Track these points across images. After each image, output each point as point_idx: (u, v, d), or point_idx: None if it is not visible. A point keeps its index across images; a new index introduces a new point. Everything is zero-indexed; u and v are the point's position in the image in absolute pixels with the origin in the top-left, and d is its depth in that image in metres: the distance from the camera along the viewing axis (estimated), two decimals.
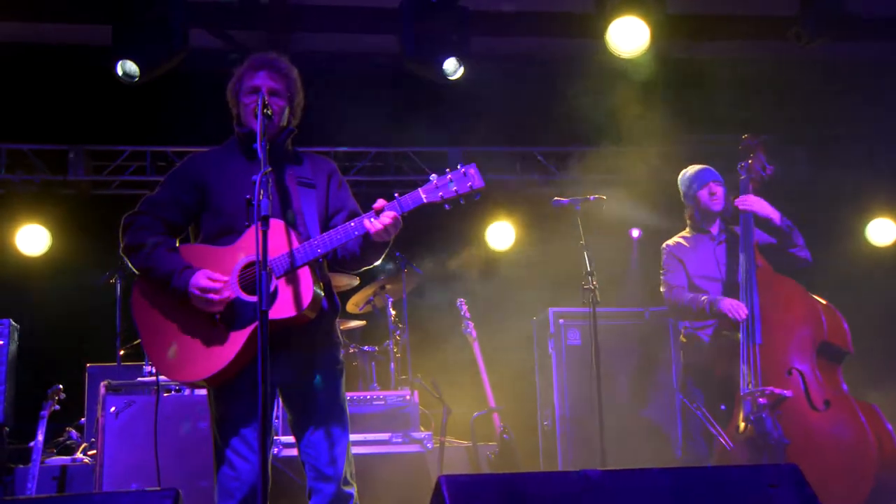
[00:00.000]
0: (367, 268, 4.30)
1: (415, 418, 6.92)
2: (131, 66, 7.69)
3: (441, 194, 3.88)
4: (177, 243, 4.16)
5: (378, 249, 4.10)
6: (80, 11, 8.65)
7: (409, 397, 6.98)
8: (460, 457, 7.24)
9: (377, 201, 3.93)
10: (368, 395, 6.92)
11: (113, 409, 6.21)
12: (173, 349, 3.99)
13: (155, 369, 4.25)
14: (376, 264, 4.28)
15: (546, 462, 7.74)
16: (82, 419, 7.89)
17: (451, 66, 8.03)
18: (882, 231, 10.48)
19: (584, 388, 7.10)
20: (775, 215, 6.02)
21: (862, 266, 9.67)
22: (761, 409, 5.44)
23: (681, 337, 6.44)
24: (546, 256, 9.34)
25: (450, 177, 3.90)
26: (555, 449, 7.44)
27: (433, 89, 8.54)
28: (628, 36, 7.90)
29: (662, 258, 6.35)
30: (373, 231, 3.90)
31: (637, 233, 9.41)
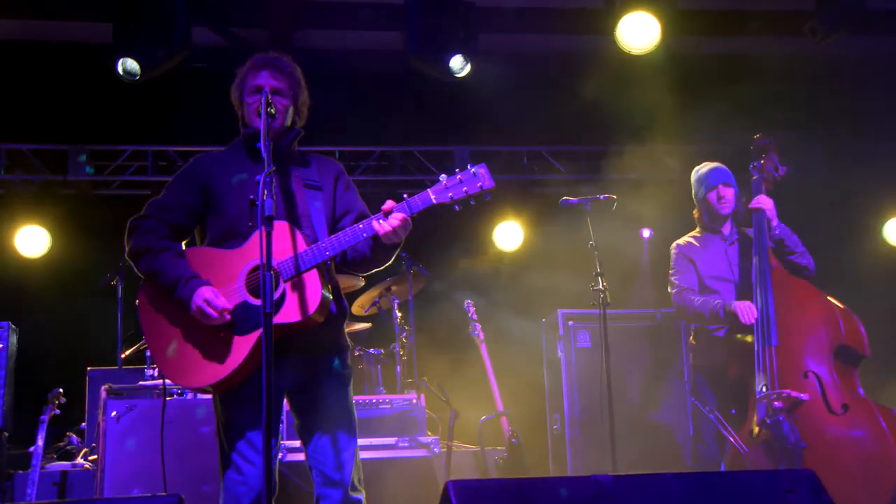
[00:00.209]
0: (377, 269, 4.29)
1: (421, 422, 6.91)
2: (132, 64, 7.70)
3: (451, 195, 3.88)
4: (183, 246, 4.16)
5: (388, 251, 4.10)
6: (79, 9, 8.66)
7: (415, 401, 6.97)
8: (468, 462, 7.23)
9: (386, 202, 3.93)
10: (374, 399, 6.91)
11: (114, 413, 6.21)
12: (180, 354, 3.99)
13: (161, 374, 4.25)
14: (386, 266, 4.28)
15: (556, 467, 7.72)
16: (83, 424, 7.90)
17: (457, 63, 8.02)
18: None
19: (594, 391, 7.08)
20: (774, 221, 6.01)
21: (879, 266, 9.63)
22: (777, 412, 5.41)
23: (690, 338, 6.40)
24: (555, 257, 9.32)
25: (459, 177, 3.89)
26: (565, 453, 7.43)
27: (439, 87, 8.54)
28: (639, 32, 7.89)
29: (672, 258, 6.31)
30: (382, 233, 3.90)
31: (648, 233, 9.40)
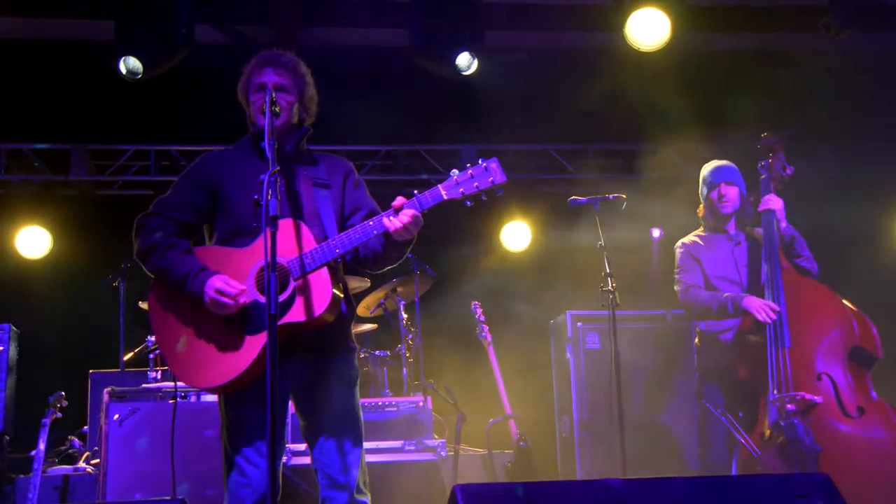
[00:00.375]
0: (389, 267, 4.29)
1: (428, 425, 6.90)
2: (134, 63, 7.70)
3: (462, 190, 3.88)
4: (191, 244, 4.16)
5: (400, 248, 4.09)
6: (81, 6, 8.66)
7: (422, 404, 6.96)
8: (475, 465, 7.23)
9: (396, 199, 3.93)
10: (380, 402, 6.90)
11: (116, 416, 6.21)
12: (190, 354, 4.00)
13: (172, 375, 4.25)
14: (397, 264, 4.27)
15: (564, 471, 7.71)
16: (85, 427, 7.91)
17: (464, 60, 8.01)
18: None
19: (603, 393, 7.06)
20: (783, 222, 5.99)
21: (891, 267, 9.60)
22: (791, 414, 5.39)
23: (696, 340, 6.36)
24: (563, 257, 9.33)
25: (470, 172, 3.89)
26: (573, 457, 7.42)
27: (445, 85, 8.53)
28: (648, 28, 7.87)
29: (677, 257, 6.27)
30: (392, 229, 3.90)
31: (658, 233, 9.37)
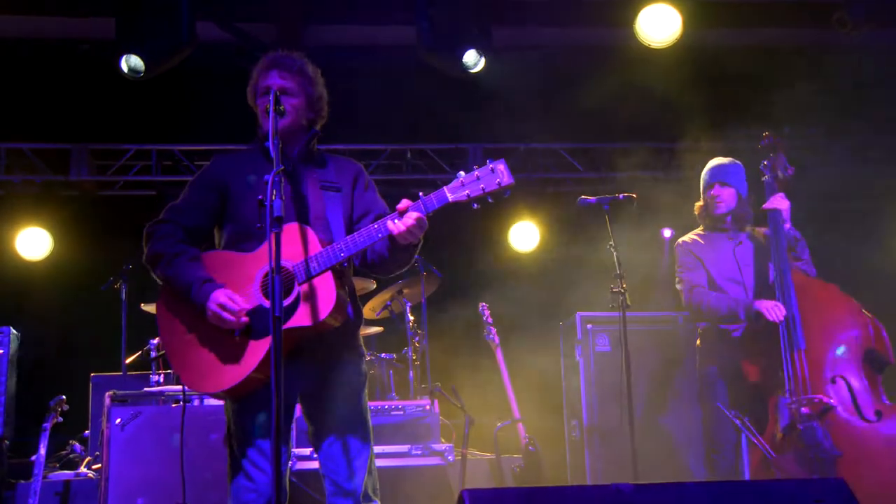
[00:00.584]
0: (399, 271, 4.29)
1: (435, 429, 6.91)
2: (136, 61, 7.72)
3: (468, 193, 3.85)
4: (200, 249, 4.20)
5: (405, 252, 4.08)
6: (81, 4, 8.69)
7: (428, 407, 6.96)
8: (483, 470, 7.23)
9: (401, 201, 3.92)
10: (386, 406, 6.91)
11: (118, 420, 6.22)
12: (196, 359, 4.03)
13: (178, 380, 4.28)
14: (406, 268, 4.27)
15: (574, 475, 7.71)
16: (86, 431, 7.91)
17: (471, 58, 8.02)
18: None
19: (613, 396, 7.07)
20: (787, 223, 5.97)
21: None
22: (808, 418, 5.37)
23: (697, 342, 6.27)
24: (573, 258, 9.33)
25: (477, 174, 3.86)
26: (583, 461, 7.42)
27: (452, 83, 8.53)
28: (659, 24, 7.88)
29: (678, 256, 6.22)
30: (396, 233, 3.89)
31: (669, 233, 9.35)
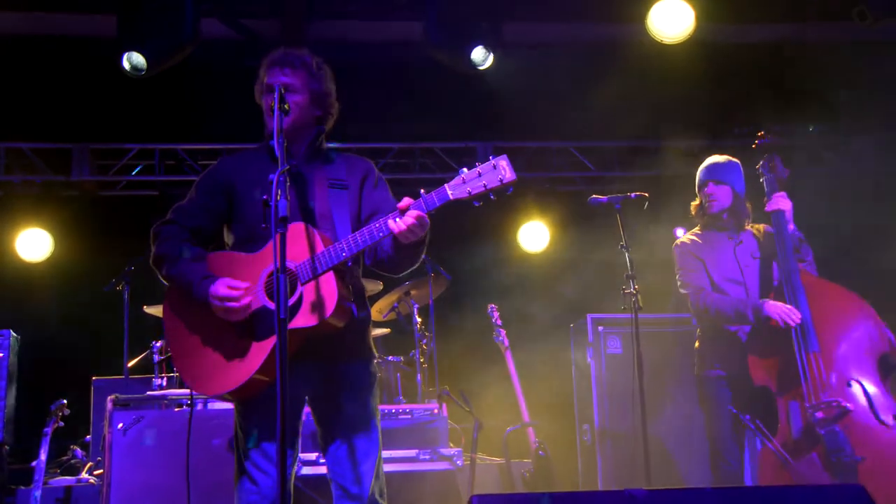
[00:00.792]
0: (409, 269, 4.28)
1: (443, 433, 6.91)
2: (138, 59, 7.73)
3: (469, 189, 3.83)
4: (207, 249, 4.23)
5: (410, 250, 4.06)
6: (82, 0, 8.71)
7: (437, 411, 6.97)
8: (492, 475, 7.23)
9: (403, 200, 3.92)
10: (394, 409, 6.92)
11: (121, 425, 6.23)
12: (199, 360, 4.06)
13: (181, 381, 4.30)
14: (415, 266, 4.27)
15: (585, 481, 7.71)
16: (88, 436, 7.93)
17: (479, 54, 8.02)
18: None
19: (625, 400, 7.07)
20: (791, 224, 5.95)
21: None
22: (827, 422, 5.35)
23: (696, 344, 6.21)
24: (583, 259, 9.33)
25: (479, 170, 3.85)
26: (595, 466, 7.42)
27: (460, 80, 8.54)
28: (672, 19, 7.87)
29: (676, 258, 6.16)
30: (397, 231, 3.89)
31: (682, 232, 9.36)
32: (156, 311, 7.28)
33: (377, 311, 8.11)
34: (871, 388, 5.47)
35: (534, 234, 10.65)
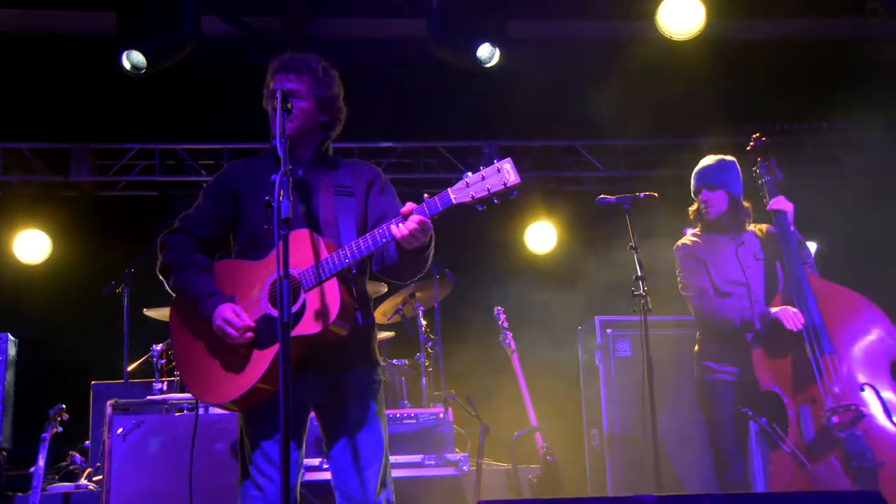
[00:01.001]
0: (417, 276, 4.28)
1: (449, 438, 6.90)
2: (138, 57, 7.74)
3: (472, 194, 3.82)
4: (213, 257, 4.25)
5: (414, 257, 4.06)
6: None
7: (442, 415, 6.96)
8: (499, 480, 7.23)
9: (405, 204, 3.92)
10: (398, 414, 6.91)
11: (120, 430, 6.24)
12: (203, 369, 4.08)
13: (184, 387, 4.31)
14: (422, 273, 4.26)
15: (594, 486, 7.70)
16: (87, 442, 7.93)
17: (485, 52, 8.01)
18: None
19: (635, 404, 7.04)
20: (791, 227, 5.92)
21: None
22: (844, 426, 5.33)
23: (696, 347, 6.17)
24: (591, 260, 9.30)
25: (483, 174, 3.84)
26: (603, 472, 7.41)
27: (465, 78, 8.53)
28: (681, 15, 7.86)
29: (678, 260, 6.13)
30: (399, 237, 3.89)
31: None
32: (156, 313, 7.28)
33: (381, 314, 8.10)
34: (886, 393, 5.45)
35: (541, 235, 10.63)
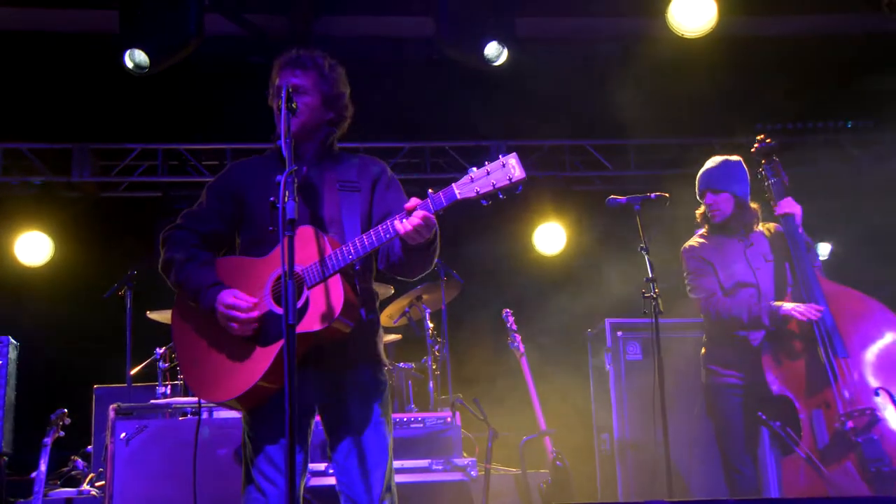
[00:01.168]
0: (422, 273, 4.27)
1: (457, 443, 6.90)
2: (141, 56, 7.75)
3: (477, 189, 3.81)
4: (216, 255, 4.24)
5: (419, 253, 4.05)
6: None
7: (450, 419, 6.96)
8: (508, 486, 7.22)
9: (410, 200, 3.91)
10: (405, 418, 6.90)
11: (123, 435, 6.24)
12: (205, 367, 4.07)
13: (187, 387, 4.31)
14: (427, 271, 4.26)
15: (605, 492, 7.69)
16: (89, 447, 7.95)
17: (493, 50, 8.01)
18: None
19: (646, 407, 7.01)
20: (800, 229, 5.91)
21: None
22: (859, 431, 5.31)
23: (702, 350, 6.14)
24: (601, 261, 9.30)
25: (487, 169, 3.83)
26: (614, 477, 7.40)
27: (473, 77, 8.53)
28: (693, 12, 7.85)
29: (685, 262, 6.12)
30: (403, 232, 3.88)
31: None
32: (159, 316, 7.29)
33: (388, 317, 8.10)
34: None
35: (550, 236, 10.62)
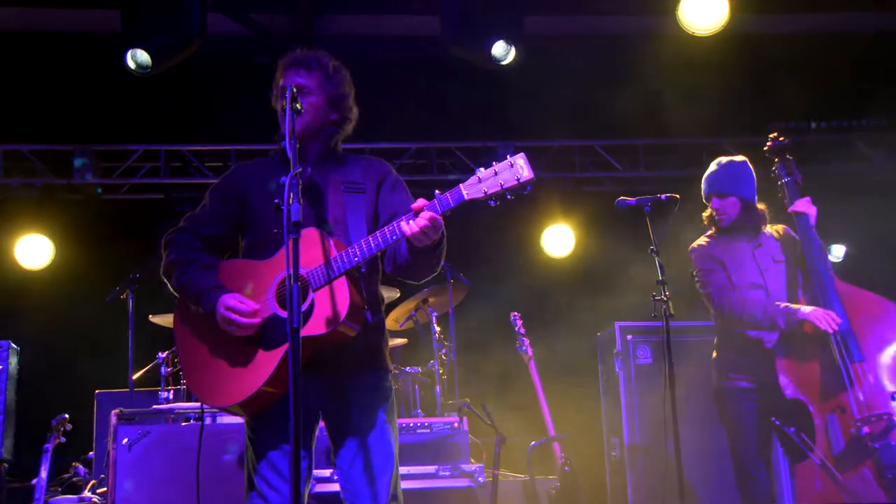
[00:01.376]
0: (429, 276, 4.27)
1: (464, 448, 6.90)
2: (143, 56, 7.76)
3: (485, 189, 3.82)
4: (219, 258, 4.25)
5: (425, 255, 4.05)
6: None
7: (457, 425, 6.96)
8: (516, 492, 7.21)
9: (417, 201, 3.91)
10: (412, 423, 6.91)
11: (125, 440, 6.25)
12: (207, 372, 4.07)
13: (189, 392, 4.31)
14: (434, 273, 4.26)
15: (614, 498, 7.69)
16: (91, 453, 7.95)
17: (500, 49, 8.01)
18: None
19: (656, 412, 7.00)
20: (813, 231, 5.90)
21: None
22: (876, 436, 5.30)
23: (713, 354, 6.15)
24: (611, 264, 9.30)
25: (495, 169, 3.84)
26: (624, 483, 7.40)
27: (480, 76, 8.53)
28: (704, 9, 7.84)
29: (694, 262, 6.14)
30: (409, 234, 3.88)
31: None
32: (162, 320, 7.30)
33: (394, 321, 8.10)
34: None
35: (558, 238, 10.62)
